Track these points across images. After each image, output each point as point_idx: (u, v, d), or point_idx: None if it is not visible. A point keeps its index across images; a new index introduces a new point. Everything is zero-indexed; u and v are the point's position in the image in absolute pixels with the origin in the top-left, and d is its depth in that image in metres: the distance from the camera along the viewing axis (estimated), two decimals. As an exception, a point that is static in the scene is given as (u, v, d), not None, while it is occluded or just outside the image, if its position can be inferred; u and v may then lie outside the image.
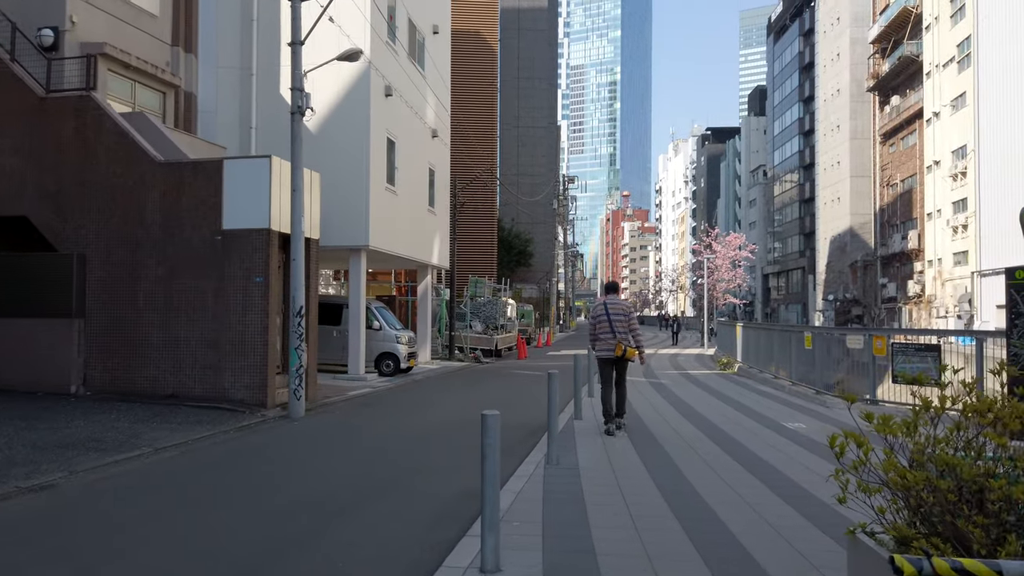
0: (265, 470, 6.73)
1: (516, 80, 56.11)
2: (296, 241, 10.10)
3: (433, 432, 8.71)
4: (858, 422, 2.76)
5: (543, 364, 21.45)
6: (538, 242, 51.72)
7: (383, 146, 15.99)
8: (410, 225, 18.01)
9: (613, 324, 7.90)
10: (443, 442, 8.01)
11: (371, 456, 7.35)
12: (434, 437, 8.39)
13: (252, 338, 10.31)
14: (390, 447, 7.79)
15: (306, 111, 10.32)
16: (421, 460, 7.08)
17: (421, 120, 18.75)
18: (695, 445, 7.39)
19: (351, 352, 15.42)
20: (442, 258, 21.27)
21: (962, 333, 11.68)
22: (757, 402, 11.20)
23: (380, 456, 7.33)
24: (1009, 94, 32.23)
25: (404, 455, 7.36)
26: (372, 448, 7.78)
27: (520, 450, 7.18)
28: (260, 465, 6.98)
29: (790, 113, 65.06)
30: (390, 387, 14.30)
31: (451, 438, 8.18)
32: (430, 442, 8.06)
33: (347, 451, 7.68)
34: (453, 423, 9.37)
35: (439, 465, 6.85)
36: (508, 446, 7.47)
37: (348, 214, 15.12)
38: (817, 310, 56.54)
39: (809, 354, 11.94)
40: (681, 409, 10.41)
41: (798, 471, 6.18)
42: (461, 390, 14.09)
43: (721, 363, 18.54)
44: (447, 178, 22.09)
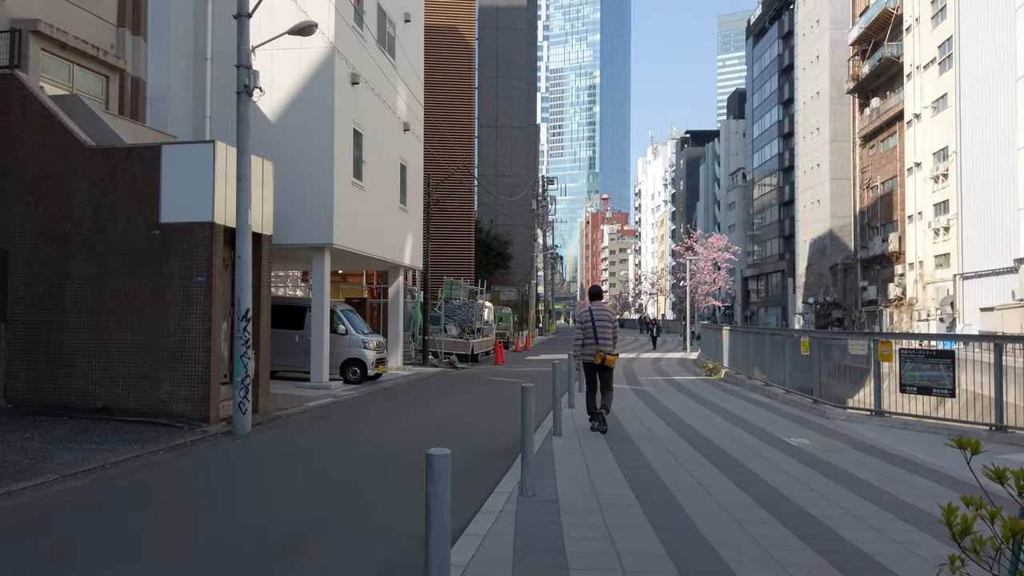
0: (173, 508, 5.59)
1: (495, 80, 55.22)
2: (242, 236, 9.01)
3: (390, 452, 7.67)
4: (982, 481, 1.81)
5: (521, 370, 20.48)
6: (517, 244, 50.80)
7: (349, 137, 14.92)
8: (379, 223, 16.94)
9: (597, 330, 8.18)
10: (399, 465, 6.98)
11: (312, 485, 6.28)
12: (390, 459, 7.35)
13: (193, 345, 9.19)
14: (337, 472, 6.73)
15: (254, 91, 9.25)
16: (370, 490, 6.05)
17: (391, 112, 17.70)
18: (692, 468, 6.45)
19: (314, 358, 14.31)
20: (415, 258, 20.21)
21: (978, 338, 10.92)
22: (751, 413, 10.33)
23: (322, 485, 6.27)
24: (991, 95, 32.02)
25: (350, 483, 6.31)
26: (316, 473, 6.72)
27: (491, 474, 6.18)
28: (170, 500, 5.82)
29: (769, 116, 64.99)
30: (354, 396, 13.21)
31: (410, 460, 7.15)
32: (385, 465, 7.02)
33: (285, 478, 6.61)
34: (415, 440, 8.33)
35: (390, 496, 5.82)
36: (478, 469, 6.47)
37: (310, 210, 14.02)
38: (797, 313, 56.31)
39: (805, 360, 11.10)
40: (670, 421, 9.49)
41: (815, 502, 5.26)
42: (430, 400, 13.04)
43: (707, 368, 17.72)
44: (420, 174, 21.04)
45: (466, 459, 7.01)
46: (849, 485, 5.82)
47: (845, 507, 5.12)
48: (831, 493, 5.54)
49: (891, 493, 5.55)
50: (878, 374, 9.30)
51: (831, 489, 5.67)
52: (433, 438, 8.37)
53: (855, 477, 6.12)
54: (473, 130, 38.59)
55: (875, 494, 5.50)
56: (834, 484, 5.86)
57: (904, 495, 5.48)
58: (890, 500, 5.31)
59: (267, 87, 14.60)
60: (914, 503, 5.22)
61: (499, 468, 6.44)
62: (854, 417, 9.47)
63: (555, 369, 8.10)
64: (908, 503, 5.23)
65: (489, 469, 6.48)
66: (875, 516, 4.86)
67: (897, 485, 5.83)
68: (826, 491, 5.60)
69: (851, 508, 5.09)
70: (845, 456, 7.09)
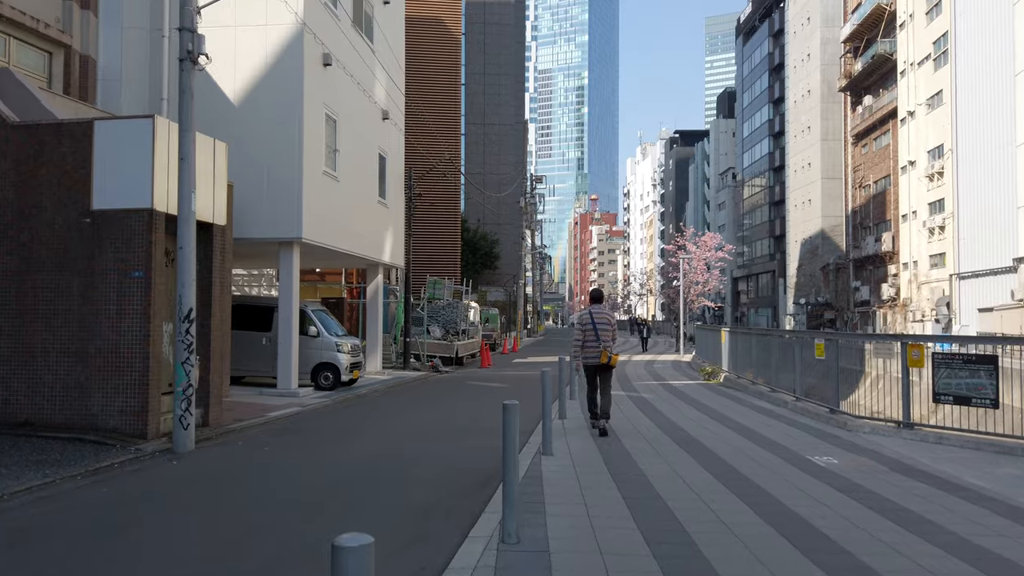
0: (57, 557, 4.44)
1: (482, 76, 54.16)
2: (184, 224, 7.82)
3: (352, 477, 6.52)
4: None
5: (507, 374, 19.37)
6: (505, 244, 49.71)
7: (320, 123, 13.75)
8: (355, 217, 15.77)
9: (599, 332, 8.27)
10: (359, 495, 5.83)
11: (251, 523, 5.11)
12: (351, 485, 6.19)
13: (129, 349, 8.00)
14: (285, 505, 5.57)
15: (199, 57, 8.07)
16: (320, 529, 4.90)
17: (369, 99, 16.53)
18: (710, 499, 5.37)
19: (280, 363, 13.11)
20: (395, 256, 19.04)
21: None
22: (762, 424, 9.27)
23: (263, 523, 5.11)
24: (988, 91, 31.34)
25: (298, 521, 5.16)
26: (260, 506, 5.56)
27: (466, 510, 5.07)
28: (60, 547, 4.65)
29: (760, 115, 64.36)
30: (324, 404, 12.04)
31: (373, 487, 6.02)
32: (342, 495, 5.86)
33: (221, 512, 5.44)
34: (379, 463, 7.19)
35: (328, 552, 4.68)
36: (450, 501, 5.34)
37: (277, 201, 12.84)
38: (788, 314, 55.65)
39: (821, 365, 10.07)
40: (675, 435, 8.41)
41: (870, 547, 4.19)
42: (407, 409, 11.89)
43: (705, 372, 16.69)
44: (401, 167, 19.87)
45: (438, 487, 5.90)
46: (902, 521, 4.77)
47: (909, 556, 4.06)
48: (885, 533, 4.48)
49: (957, 533, 4.51)
50: (907, 381, 8.27)
51: (882, 528, 4.60)
52: (400, 460, 7.23)
53: (904, 509, 5.07)
54: (459, 125, 37.44)
55: (938, 535, 4.45)
56: (884, 520, 4.79)
57: (974, 536, 4.44)
58: (962, 546, 4.25)
59: (230, 67, 13.45)
60: (994, 549, 4.17)
61: (477, 501, 5.33)
62: (879, 429, 8.44)
63: (544, 377, 6.99)
64: (984, 548, 4.18)
65: (464, 502, 5.36)
66: (956, 573, 3.81)
67: (959, 521, 4.78)
68: (877, 530, 4.54)
69: (915, 557, 4.04)
70: (883, 480, 6.05)
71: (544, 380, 6.98)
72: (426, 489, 5.85)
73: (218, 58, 13.26)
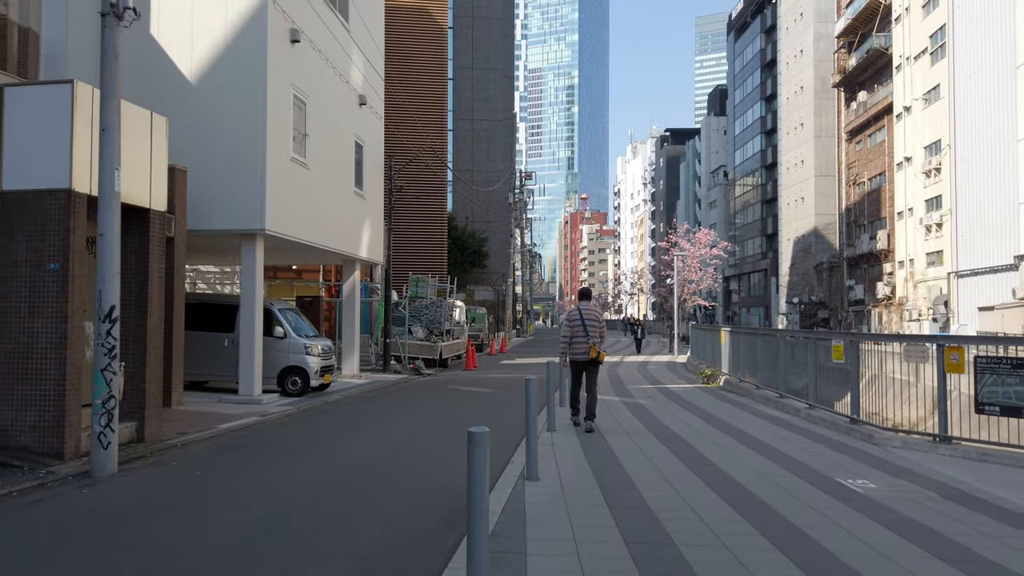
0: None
1: (471, 71, 52.99)
2: (106, 207, 6.66)
3: (287, 515, 5.35)
4: None
5: (493, 377, 18.25)
6: (493, 242, 48.58)
7: (288, 105, 12.58)
8: (328, 208, 14.61)
9: (587, 328, 8.41)
10: (282, 547, 4.61)
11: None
12: (279, 529, 5.01)
13: (43, 354, 6.83)
14: (197, 557, 4.42)
15: (125, 12, 6.91)
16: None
17: (344, 81, 15.37)
18: (734, 543, 4.28)
19: (242, 367, 11.93)
20: (374, 251, 17.87)
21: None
22: (777, 438, 8.21)
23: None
24: (987, 85, 30.57)
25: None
26: (163, 557, 4.41)
27: (422, 569, 3.95)
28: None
29: (751, 112, 63.61)
30: (288, 413, 10.88)
31: (306, 533, 4.86)
32: (260, 547, 4.68)
33: (111, 568, 4.30)
34: (331, 490, 6.04)
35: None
36: (406, 552, 4.20)
37: (238, 189, 11.66)
38: (780, 313, 54.91)
39: (838, 370, 9.04)
40: (681, 453, 7.33)
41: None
42: (378, 420, 10.75)
43: (703, 375, 15.66)
44: (381, 156, 18.70)
45: (392, 530, 4.78)
46: (980, 573, 3.71)
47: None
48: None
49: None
50: (944, 389, 7.24)
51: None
52: (352, 488, 6.08)
53: (978, 557, 4.02)
54: (446, 120, 36.27)
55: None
56: (955, 572, 3.74)
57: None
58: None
59: (187, 42, 12.25)
60: None
61: (439, 552, 4.21)
62: (912, 444, 7.41)
63: (528, 387, 5.88)
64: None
65: (421, 555, 4.24)
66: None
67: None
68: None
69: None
70: (936, 510, 5.00)
71: (528, 390, 5.87)
72: (377, 532, 4.73)
73: (173, 31, 12.09)
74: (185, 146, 11.81)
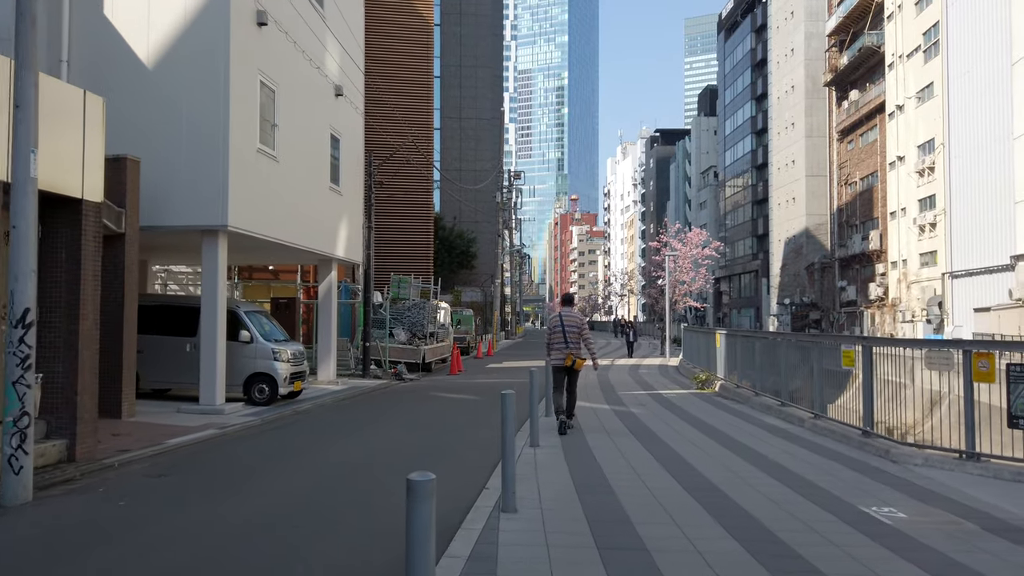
0: None
1: (458, 69, 52.17)
2: (21, 194, 5.78)
3: (209, 562, 4.51)
4: None
5: (478, 382, 17.42)
6: (482, 242, 47.73)
7: (254, 92, 11.70)
8: (301, 204, 13.73)
9: (567, 335, 8.50)
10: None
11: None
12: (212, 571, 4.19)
13: (-50, 364, 5.94)
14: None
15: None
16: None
17: (318, 70, 14.50)
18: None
19: (203, 374, 11.04)
20: (352, 250, 16.99)
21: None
22: (784, 453, 7.44)
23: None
24: (982, 82, 30.10)
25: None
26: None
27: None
28: None
29: (742, 112, 63.17)
30: (250, 425, 10.00)
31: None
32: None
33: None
34: (266, 530, 5.19)
35: None
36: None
37: (198, 182, 10.78)
38: (772, 315, 54.43)
39: (846, 375, 8.29)
40: (680, 476, 6.54)
41: None
42: (347, 434, 9.89)
43: (697, 379, 14.90)
44: (360, 151, 17.82)
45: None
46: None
47: None
48: None
49: None
50: (971, 400, 6.49)
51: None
52: (293, 530, 5.22)
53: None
54: (432, 116, 35.41)
55: None
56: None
57: None
58: None
59: (143, 21, 11.35)
60: None
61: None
62: (934, 461, 6.65)
63: (505, 403, 5.06)
64: None
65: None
66: None
67: None
68: None
69: None
70: (981, 548, 4.24)
71: (505, 406, 5.04)
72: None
73: (129, 10, 11.19)
74: (141, 135, 10.94)
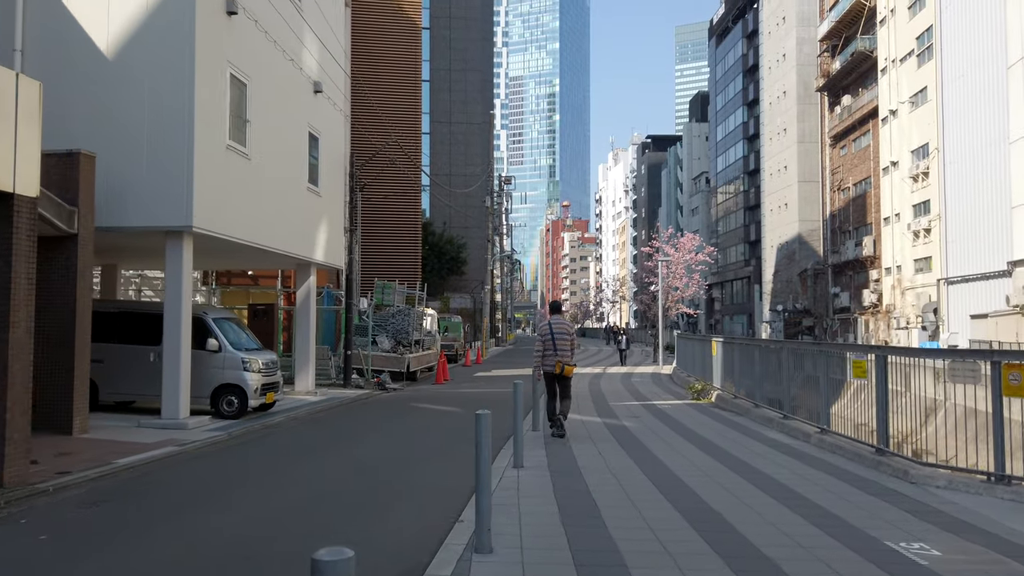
0: None
1: (448, 72, 51.60)
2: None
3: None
4: None
5: (463, 392, 16.70)
6: (472, 248, 47.03)
7: (223, 84, 11.00)
8: (276, 205, 13.02)
9: (556, 343, 8.67)
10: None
11: None
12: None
13: None
14: None
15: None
16: None
17: (294, 65, 13.80)
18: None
19: (166, 385, 10.28)
20: (333, 254, 16.26)
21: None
22: (795, 476, 6.78)
23: None
24: (977, 86, 29.78)
25: None
26: None
27: None
28: None
29: (733, 118, 62.94)
30: (213, 442, 9.25)
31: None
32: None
33: None
34: (211, 573, 4.47)
35: None
36: None
37: (160, 180, 10.05)
38: (764, 321, 54.01)
39: (856, 387, 7.65)
40: (678, 501, 5.86)
41: None
42: (318, 453, 9.15)
43: (692, 389, 14.26)
44: (341, 152, 17.12)
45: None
46: None
47: None
48: None
49: None
50: (1000, 416, 5.86)
51: None
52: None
53: None
54: (420, 119, 34.77)
55: None
56: None
57: None
58: None
59: (102, 12, 10.64)
60: None
61: None
62: (959, 484, 6.01)
63: (480, 426, 4.37)
64: None
65: None
66: None
67: None
68: None
69: None
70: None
71: (480, 431, 4.34)
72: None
73: None
74: (99, 129, 10.21)
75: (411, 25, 34.11)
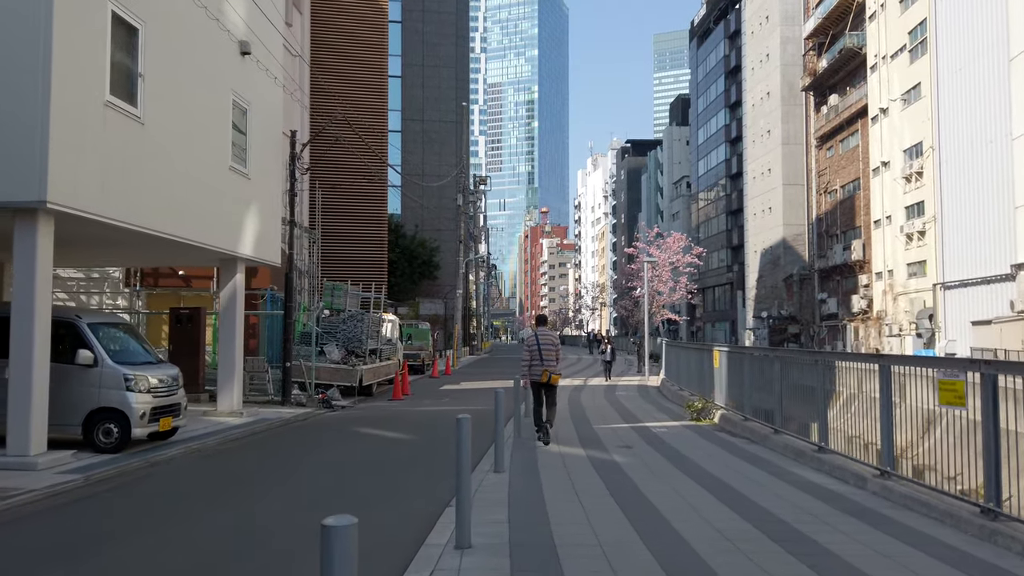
0: None
1: (421, 68, 49.33)
2: None
3: None
4: None
5: (423, 410, 14.31)
6: (445, 252, 44.66)
7: (100, 24, 8.59)
8: (184, 184, 10.57)
9: (543, 353, 9.07)
10: None
11: None
12: None
13: None
14: None
15: None
16: None
17: (211, 17, 11.38)
18: None
19: (13, 410, 7.79)
20: (265, 249, 13.79)
21: None
22: (864, 550, 4.55)
23: None
24: (973, 81, 28.23)
25: None
26: None
27: None
28: None
29: (715, 120, 61.48)
30: (53, 494, 6.78)
31: None
32: None
33: None
34: None
35: None
36: None
37: (2, 142, 7.61)
38: (748, 328, 52.31)
39: (944, 418, 5.45)
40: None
41: None
42: (195, 509, 6.72)
43: (692, 408, 12.03)
44: (278, 129, 14.66)
45: None
46: None
47: None
48: None
49: None
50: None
51: None
52: None
53: None
54: (386, 109, 32.40)
55: None
56: None
57: None
58: None
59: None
60: None
61: None
62: None
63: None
64: None
65: None
66: None
67: None
68: None
69: None
70: None
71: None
72: None
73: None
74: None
75: (378, 12, 31.76)
